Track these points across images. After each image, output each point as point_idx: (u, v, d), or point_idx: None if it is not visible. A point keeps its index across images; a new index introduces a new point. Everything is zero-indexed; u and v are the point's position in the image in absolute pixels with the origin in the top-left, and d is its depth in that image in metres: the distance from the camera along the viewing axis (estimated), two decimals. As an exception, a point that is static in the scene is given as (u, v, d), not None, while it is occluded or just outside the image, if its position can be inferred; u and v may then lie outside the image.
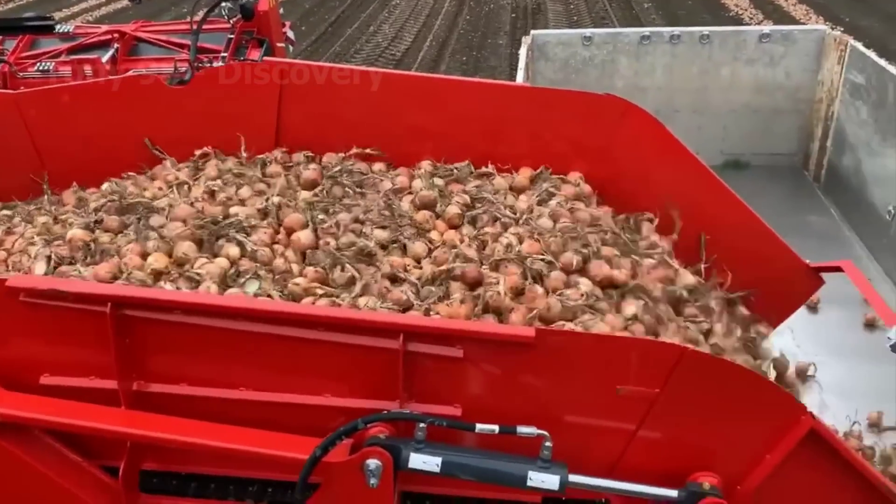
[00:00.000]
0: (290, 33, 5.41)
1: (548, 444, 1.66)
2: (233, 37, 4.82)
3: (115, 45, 4.93)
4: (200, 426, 1.83)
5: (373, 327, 1.76)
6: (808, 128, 4.94)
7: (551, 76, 4.88)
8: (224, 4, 4.69)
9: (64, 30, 5.11)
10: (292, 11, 11.87)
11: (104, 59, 4.76)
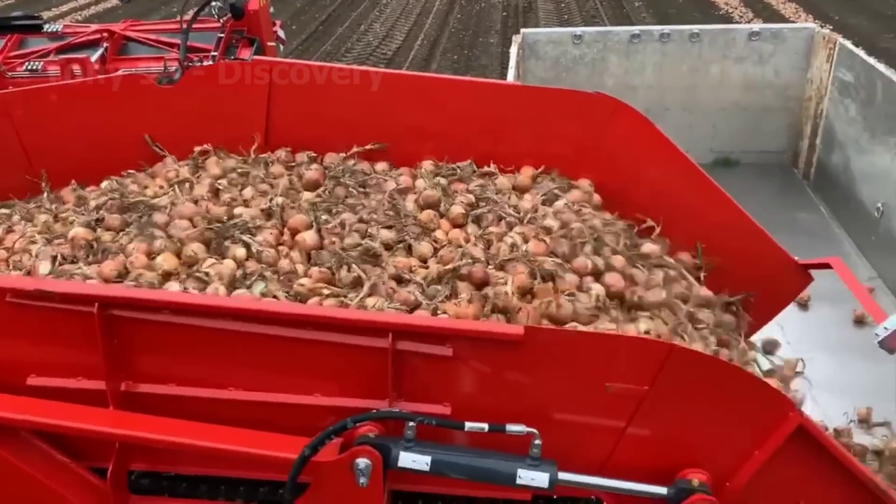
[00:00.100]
0: (281, 32, 5.40)
1: (537, 441, 1.66)
2: (223, 36, 4.80)
3: (105, 45, 4.90)
4: (189, 426, 1.82)
5: (362, 326, 1.76)
6: (797, 126, 4.95)
7: (542, 74, 4.89)
8: (214, 3, 4.66)
9: (52, 29, 5.08)
10: (283, 10, 11.83)
11: (93, 58, 4.73)
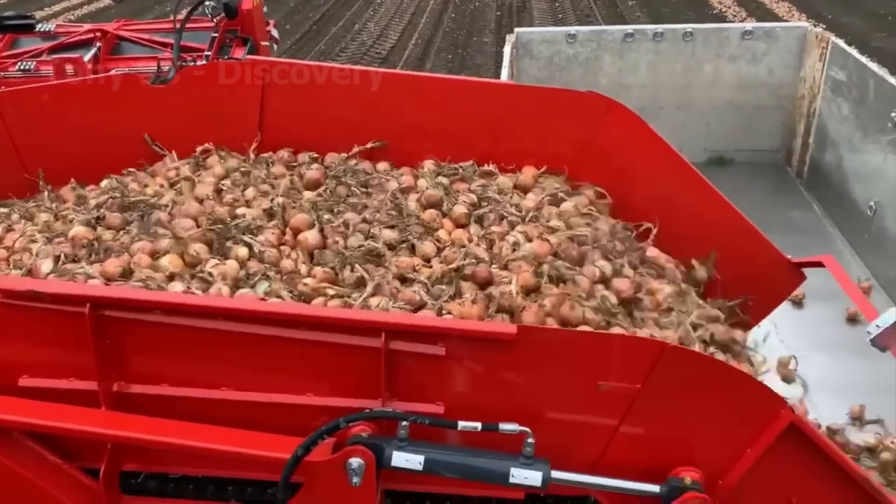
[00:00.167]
0: (275, 32, 5.41)
1: (530, 440, 1.66)
2: (216, 35, 4.80)
3: (98, 44, 4.90)
4: (182, 427, 1.82)
5: (354, 326, 1.76)
6: (790, 124, 4.96)
7: (536, 74, 4.89)
8: (207, 3, 4.65)
9: (45, 29, 5.08)
10: (276, 10, 11.80)
11: (86, 58, 4.73)
